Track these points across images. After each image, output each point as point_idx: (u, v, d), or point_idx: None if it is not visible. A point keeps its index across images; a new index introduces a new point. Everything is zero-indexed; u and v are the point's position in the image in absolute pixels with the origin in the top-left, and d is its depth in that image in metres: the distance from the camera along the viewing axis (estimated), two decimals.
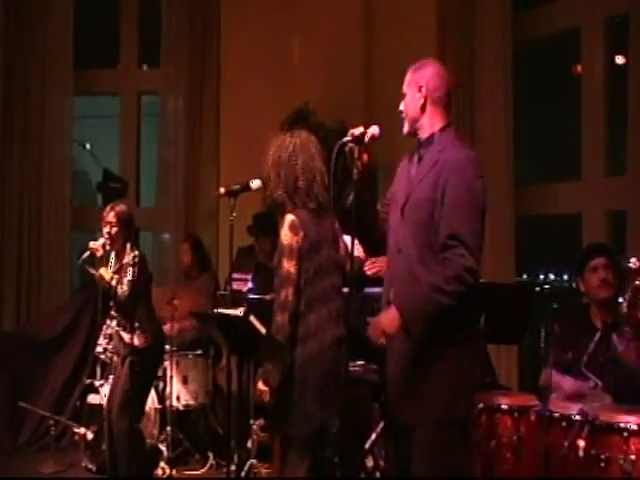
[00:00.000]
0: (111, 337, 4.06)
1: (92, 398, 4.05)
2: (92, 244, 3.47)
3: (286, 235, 2.37)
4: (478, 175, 2.12)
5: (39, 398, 4.53)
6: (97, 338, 4.14)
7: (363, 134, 2.16)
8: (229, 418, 3.69)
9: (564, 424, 2.50)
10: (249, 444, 3.86)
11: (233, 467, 3.69)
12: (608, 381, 2.73)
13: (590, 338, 2.84)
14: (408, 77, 2.24)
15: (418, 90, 2.20)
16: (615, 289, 2.86)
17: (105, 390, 3.91)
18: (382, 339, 2.08)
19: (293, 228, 2.37)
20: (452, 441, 2.10)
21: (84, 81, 5.73)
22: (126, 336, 3.42)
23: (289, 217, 2.39)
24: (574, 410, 2.49)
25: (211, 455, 4.15)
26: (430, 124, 2.20)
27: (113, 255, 3.54)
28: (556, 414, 2.55)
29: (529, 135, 4.93)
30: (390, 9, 5.21)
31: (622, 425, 2.37)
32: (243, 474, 3.72)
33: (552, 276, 6.18)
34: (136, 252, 3.43)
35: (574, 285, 3.11)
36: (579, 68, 4.51)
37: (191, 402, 4.19)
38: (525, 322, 3.19)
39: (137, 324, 3.40)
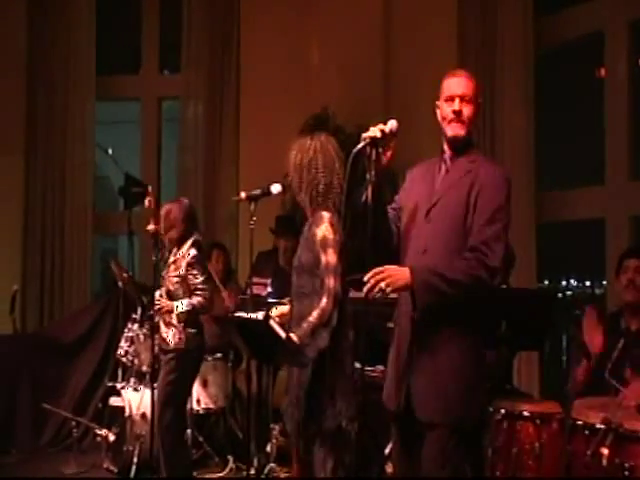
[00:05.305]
0: (132, 340, 4.12)
1: (114, 400, 4.09)
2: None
3: (328, 230, 2.41)
4: (510, 192, 2.17)
5: (61, 399, 4.57)
6: (118, 341, 4.21)
7: (382, 136, 2.13)
8: (248, 422, 3.70)
9: (587, 432, 2.46)
10: (268, 448, 3.87)
11: (253, 470, 3.70)
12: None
13: (614, 345, 2.80)
14: (472, 83, 2.23)
15: (476, 100, 2.23)
16: None
17: (127, 392, 3.95)
18: (377, 291, 2.00)
19: (334, 225, 2.42)
20: (466, 444, 2.11)
21: (106, 87, 5.82)
22: (164, 332, 3.41)
23: (327, 214, 2.44)
24: (597, 418, 2.45)
25: (231, 458, 4.15)
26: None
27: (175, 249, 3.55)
28: (579, 422, 2.51)
29: (551, 140, 4.88)
30: (409, 12, 5.20)
31: None
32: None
33: (574, 282, 6.10)
34: (193, 251, 3.41)
35: (598, 290, 3.07)
36: (602, 72, 4.46)
37: (211, 405, 4.21)
38: (547, 328, 3.15)
39: (177, 322, 3.38)
